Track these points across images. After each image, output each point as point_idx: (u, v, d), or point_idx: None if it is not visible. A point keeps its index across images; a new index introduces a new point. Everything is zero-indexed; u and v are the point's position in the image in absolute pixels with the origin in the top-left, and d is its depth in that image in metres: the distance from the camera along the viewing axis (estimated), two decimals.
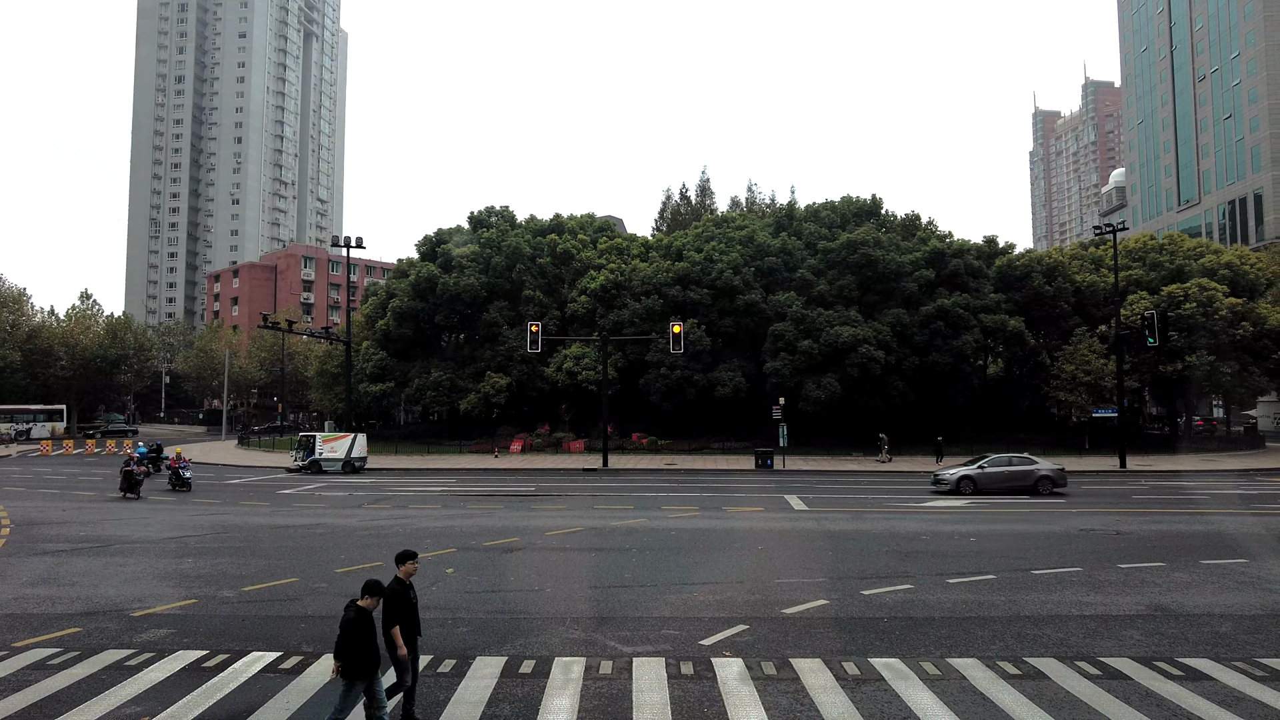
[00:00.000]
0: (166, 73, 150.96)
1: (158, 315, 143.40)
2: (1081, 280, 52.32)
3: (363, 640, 7.16)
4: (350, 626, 7.13)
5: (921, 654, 10.35)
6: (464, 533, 20.11)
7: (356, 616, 7.21)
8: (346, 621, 7.15)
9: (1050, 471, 30.48)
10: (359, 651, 7.14)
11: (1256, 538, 19.21)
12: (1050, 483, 30.02)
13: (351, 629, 7.13)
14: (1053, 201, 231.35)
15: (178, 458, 31.79)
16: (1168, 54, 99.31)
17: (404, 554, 8.48)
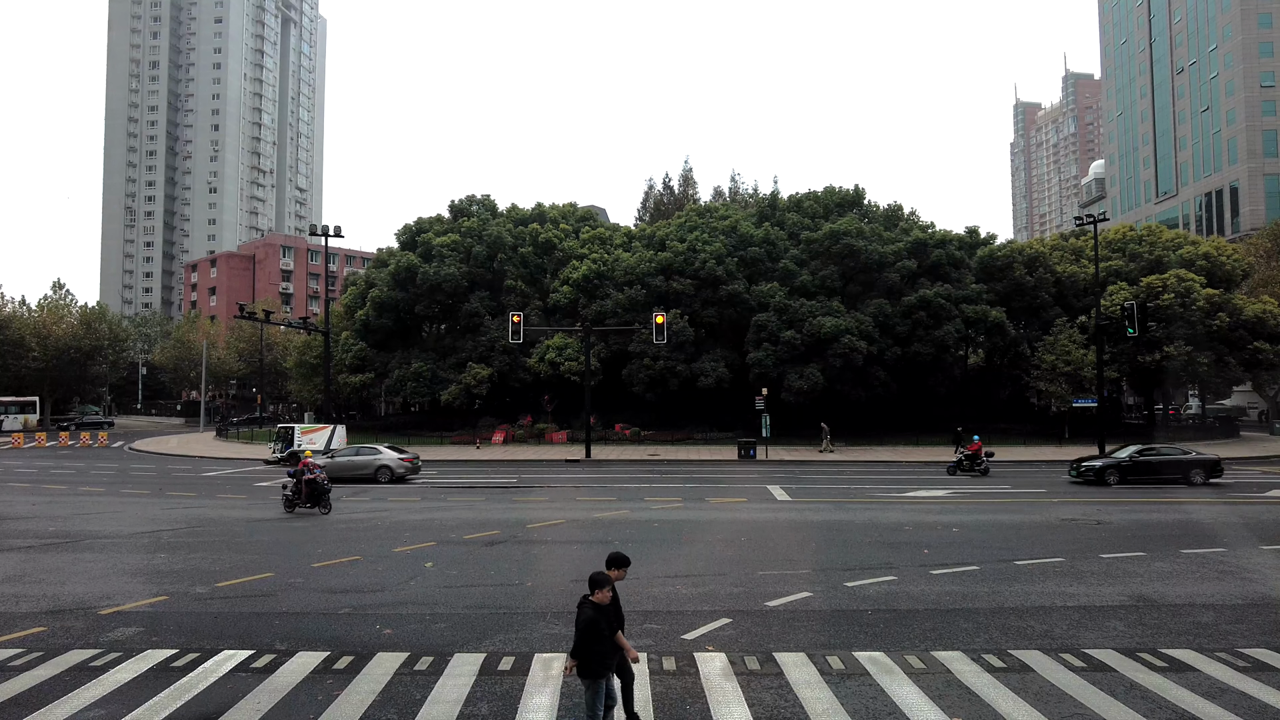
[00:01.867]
0: (140, 58, 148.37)
1: (134, 306, 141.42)
2: (1062, 271, 52.64)
3: (601, 637, 6.87)
4: (591, 626, 6.82)
5: (906, 647, 10.25)
6: (444, 525, 19.85)
7: (595, 615, 6.89)
8: (587, 621, 6.83)
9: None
10: (599, 649, 6.85)
11: (1233, 527, 19.34)
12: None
13: (592, 628, 6.82)
14: (1033, 193, 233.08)
15: None
16: (1147, 47, 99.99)
17: (617, 556, 7.83)
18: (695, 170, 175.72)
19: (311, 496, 21.99)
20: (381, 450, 32.86)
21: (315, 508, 22.01)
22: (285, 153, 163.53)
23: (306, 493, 21.95)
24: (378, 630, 11.01)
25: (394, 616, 11.70)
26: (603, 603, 7.05)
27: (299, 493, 22.06)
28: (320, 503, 22.02)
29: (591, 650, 6.88)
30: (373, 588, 13.45)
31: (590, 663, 6.89)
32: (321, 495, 22.00)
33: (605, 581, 7.15)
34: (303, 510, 22.18)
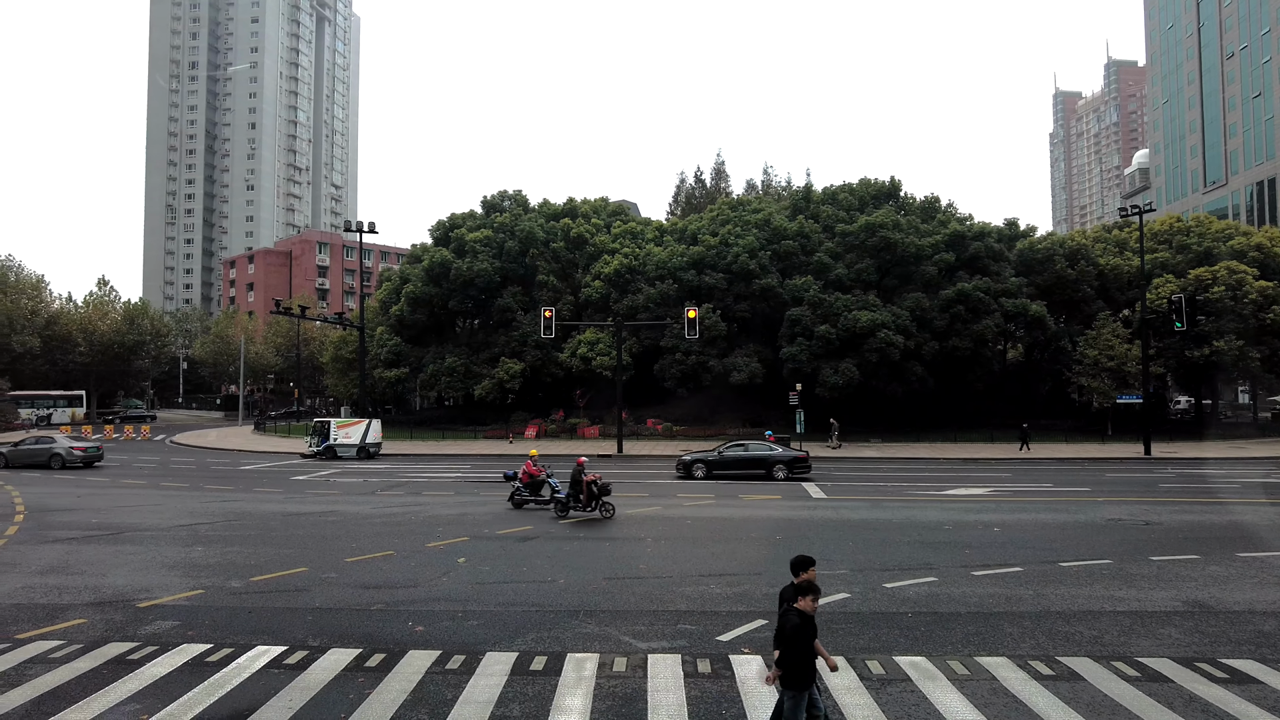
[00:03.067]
0: (180, 59, 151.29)
1: (175, 301, 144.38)
2: (1105, 263, 51.32)
3: (808, 646, 6.61)
4: (798, 634, 6.54)
5: (948, 651, 9.92)
6: (476, 520, 19.84)
7: (802, 623, 6.61)
8: (794, 629, 6.55)
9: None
10: (806, 659, 6.58)
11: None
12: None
13: (799, 636, 6.55)
14: (1073, 184, 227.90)
15: None
16: (1195, 30, 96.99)
17: (802, 559, 7.43)
18: (727, 163, 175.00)
19: (591, 498, 19.94)
20: None
21: (594, 510, 19.99)
22: (320, 150, 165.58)
23: (588, 495, 19.93)
24: (410, 627, 10.95)
25: (426, 613, 11.64)
26: (808, 611, 6.70)
27: (576, 496, 20.07)
28: (599, 506, 19.97)
29: (798, 660, 6.57)
30: (406, 583, 13.43)
31: (796, 673, 6.58)
32: (600, 497, 20.01)
33: (813, 590, 6.77)
34: (577, 514, 20.22)
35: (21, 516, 20.79)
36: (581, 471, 20.25)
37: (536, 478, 21.90)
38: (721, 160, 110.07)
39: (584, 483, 19.99)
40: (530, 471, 22.01)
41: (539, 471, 22.03)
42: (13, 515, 21.00)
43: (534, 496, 21.83)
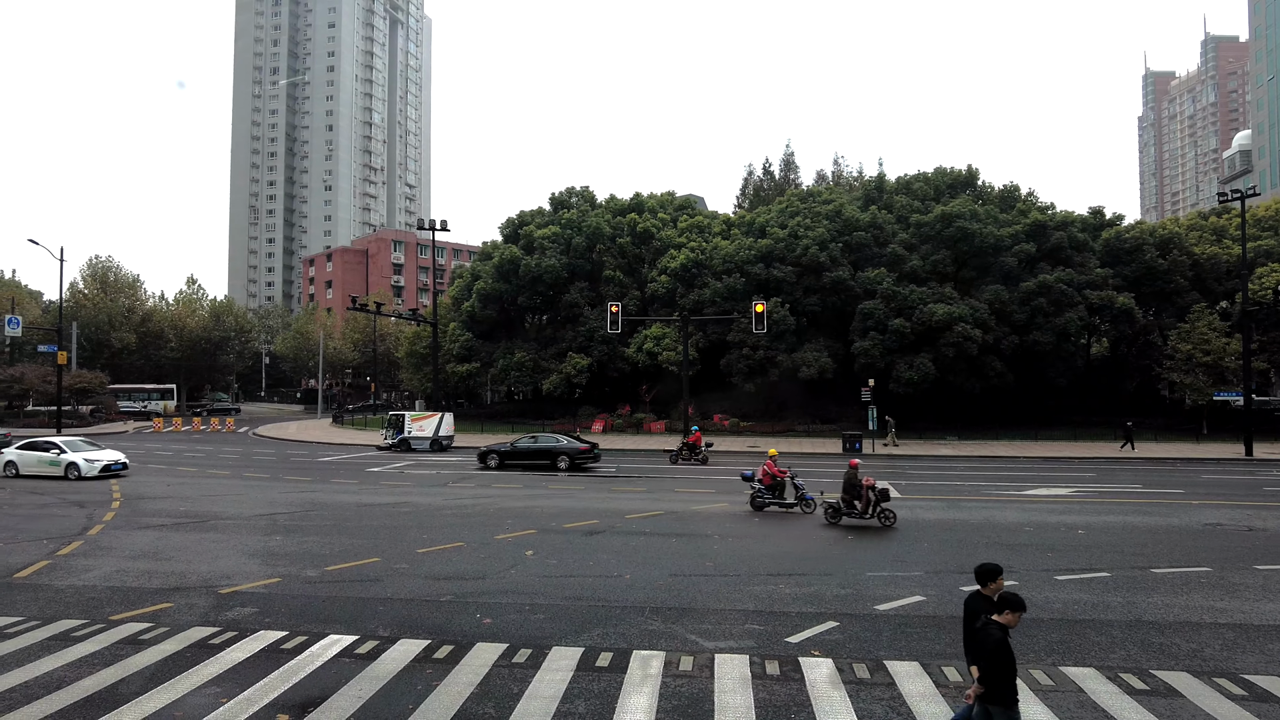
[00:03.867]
0: (263, 65, 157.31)
1: (258, 299, 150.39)
2: (1200, 252, 48.56)
3: (1011, 662, 6.28)
4: (1002, 649, 6.21)
5: (1031, 660, 9.44)
6: (544, 514, 19.97)
7: (1005, 637, 6.29)
8: (998, 644, 6.22)
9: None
10: (1010, 675, 6.26)
11: None
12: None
13: (1003, 651, 6.22)
14: (1164, 170, 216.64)
15: None
16: None
17: (990, 568, 7.03)
18: (797, 154, 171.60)
19: (869, 504, 18.17)
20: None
21: (871, 517, 18.27)
22: (394, 150, 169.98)
23: (865, 501, 18.16)
24: (477, 619, 11.03)
25: (494, 605, 11.71)
26: (1010, 625, 6.31)
27: (852, 501, 18.33)
28: (878, 513, 18.21)
29: (1004, 675, 6.21)
30: (474, 575, 13.56)
31: (1003, 689, 6.24)
32: (879, 502, 18.22)
33: (1018, 605, 6.36)
34: (851, 521, 18.62)
35: (118, 504, 21.88)
36: (857, 474, 18.70)
37: (779, 479, 20.59)
38: (790, 151, 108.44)
39: (862, 486, 18.36)
40: (772, 472, 20.67)
41: (782, 472, 20.70)
42: (110, 502, 22.13)
43: (776, 499, 20.46)
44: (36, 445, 29.50)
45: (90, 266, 79.11)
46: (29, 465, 28.73)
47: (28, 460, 28.83)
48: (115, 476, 28.23)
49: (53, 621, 10.91)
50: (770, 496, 20.55)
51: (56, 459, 28.32)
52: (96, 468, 28.00)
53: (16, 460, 28.93)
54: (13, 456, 29.12)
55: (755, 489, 20.78)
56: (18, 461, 28.90)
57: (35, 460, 28.70)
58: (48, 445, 29.22)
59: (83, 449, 29.20)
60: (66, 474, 27.93)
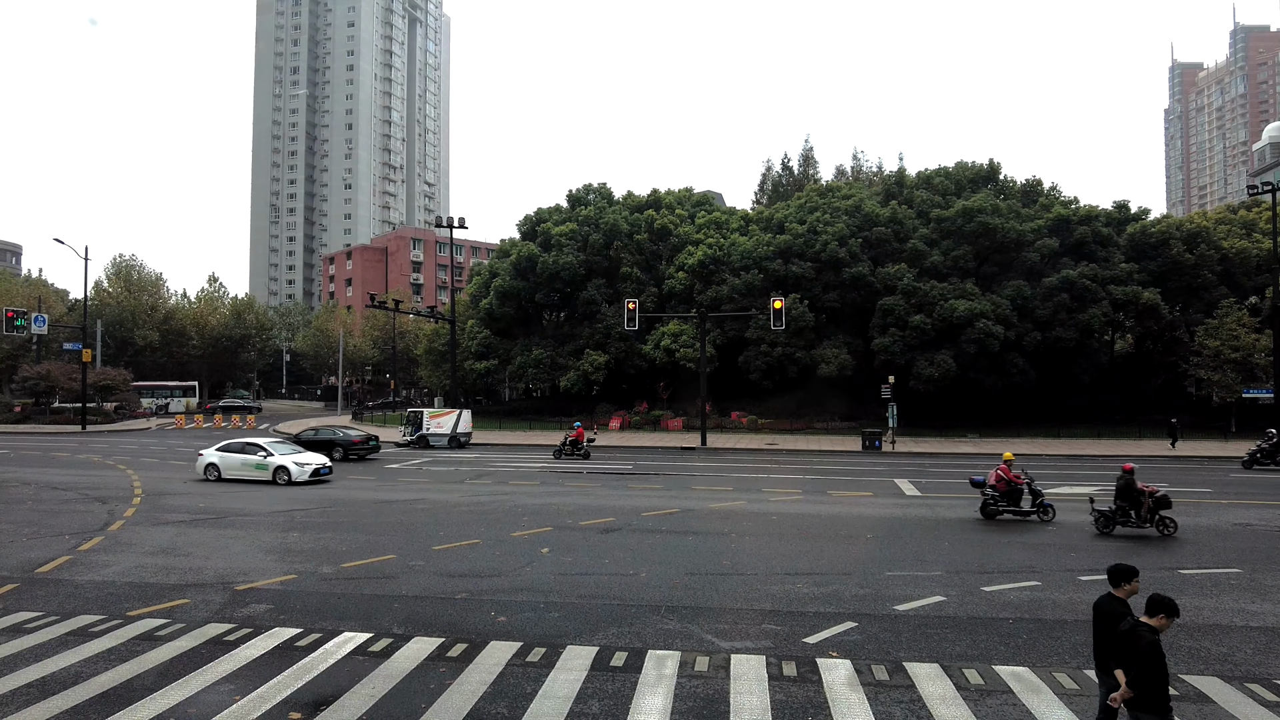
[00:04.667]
0: (283, 65, 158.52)
1: (279, 296, 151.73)
2: (1229, 247, 47.66)
3: (1164, 668, 6.01)
4: (1154, 652, 5.96)
5: (1054, 663, 9.23)
6: (560, 511, 19.90)
7: (1157, 641, 6.01)
8: (1150, 647, 5.95)
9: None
10: (1163, 682, 5.99)
11: None
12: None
13: (1155, 655, 5.97)
14: (1191, 163, 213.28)
15: None
16: None
17: (1125, 569, 6.73)
18: (815, 149, 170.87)
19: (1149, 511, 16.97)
20: None
21: (1149, 526, 17.16)
22: (414, 148, 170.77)
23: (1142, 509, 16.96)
24: (492, 617, 10.97)
25: (509, 603, 11.65)
26: (1162, 629, 6.09)
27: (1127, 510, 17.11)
28: (1157, 521, 17.04)
29: (1158, 681, 5.96)
30: (489, 572, 13.51)
31: (1156, 696, 5.99)
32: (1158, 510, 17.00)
33: (1172, 609, 6.12)
34: (1126, 531, 17.38)
35: (139, 499, 22.07)
36: (1133, 479, 17.28)
37: (1015, 484, 18.90)
38: (809, 146, 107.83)
39: (1141, 493, 17.03)
40: (1008, 477, 18.97)
41: (1018, 477, 18.99)
42: (131, 498, 22.32)
43: (1011, 506, 18.85)
44: (238, 447, 26.71)
45: (114, 265, 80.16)
46: (232, 469, 26.19)
47: (230, 464, 26.26)
48: (321, 481, 26.05)
49: (71, 616, 10.98)
50: (1005, 504, 18.87)
51: (264, 462, 25.82)
52: (307, 472, 25.66)
53: (219, 464, 26.35)
54: (214, 459, 26.48)
55: (988, 495, 19.05)
56: (220, 465, 26.33)
57: (239, 464, 26.14)
58: (253, 447, 26.50)
59: (287, 451, 26.79)
60: (275, 479, 25.47)
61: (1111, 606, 6.56)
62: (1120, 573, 6.67)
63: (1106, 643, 6.54)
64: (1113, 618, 6.48)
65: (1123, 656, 6.14)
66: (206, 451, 27.14)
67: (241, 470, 26.10)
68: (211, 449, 27.11)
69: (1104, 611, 6.62)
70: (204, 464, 26.64)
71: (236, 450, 26.64)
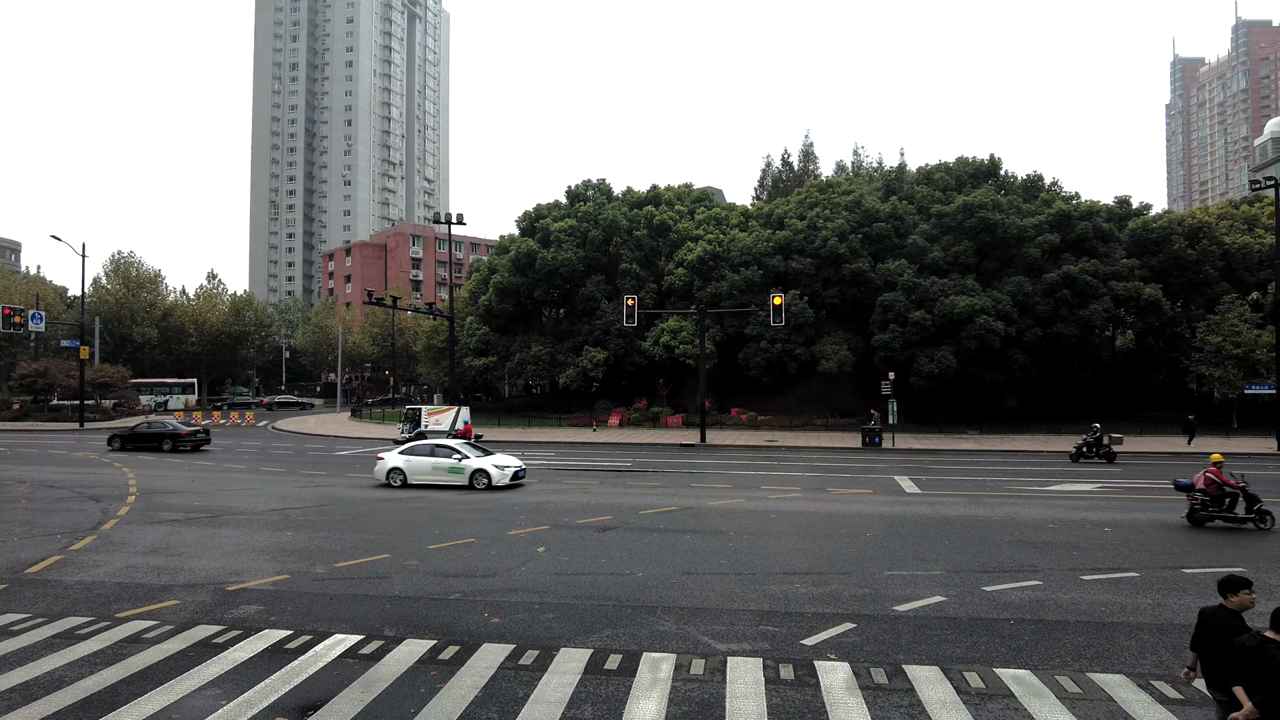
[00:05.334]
0: (281, 61, 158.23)
1: (278, 293, 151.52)
2: (1231, 242, 47.46)
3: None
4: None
5: (1057, 665, 9.07)
6: (557, 509, 19.75)
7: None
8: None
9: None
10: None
11: None
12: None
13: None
14: (1192, 158, 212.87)
15: None
16: None
17: (1236, 580, 6.31)
18: (816, 145, 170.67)
19: None
20: None
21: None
22: (413, 145, 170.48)
23: None
24: (485, 618, 10.81)
25: (503, 604, 11.49)
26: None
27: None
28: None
29: None
30: (484, 572, 13.36)
31: None
32: None
33: None
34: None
35: (133, 498, 21.92)
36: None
37: (1228, 488, 17.39)
38: (809, 142, 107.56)
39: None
40: (1220, 480, 17.52)
41: (1231, 480, 17.54)
42: (125, 496, 22.18)
43: (1223, 512, 17.52)
44: (425, 449, 24.43)
45: (112, 262, 79.95)
46: (420, 474, 23.70)
47: (419, 468, 23.75)
48: (518, 485, 23.96)
49: (59, 618, 10.81)
50: (1216, 509, 17.54)
51: (459, 465, 23.46)
52: (508, 475, 23.40)
53: (405, 468, 23.76)
54: (398, 463, 23.88)
55: (1196, 500, 17.68)
56: (406, 470, 23.75)
57: (429, 468, 23.68)
58: (445, 450, 24.09)
59: (478, 453, 24.53)
60: (473, 483, 23.13)
61: (1223, 619, 6.20)
62: (1231, 584, 6.28)
63: (1220, 658, 6.13)
64: (1226, 630, 6.12)
65: (1244, 674, 5.72)
66: (388, 455, 24.56)
67: (432, 475, 23.65)
68: (393, 452, 24.72)
69: (1215, 624, 6.23)
70: (385, 469, 24.02)
71: (424, 453, 24.16)
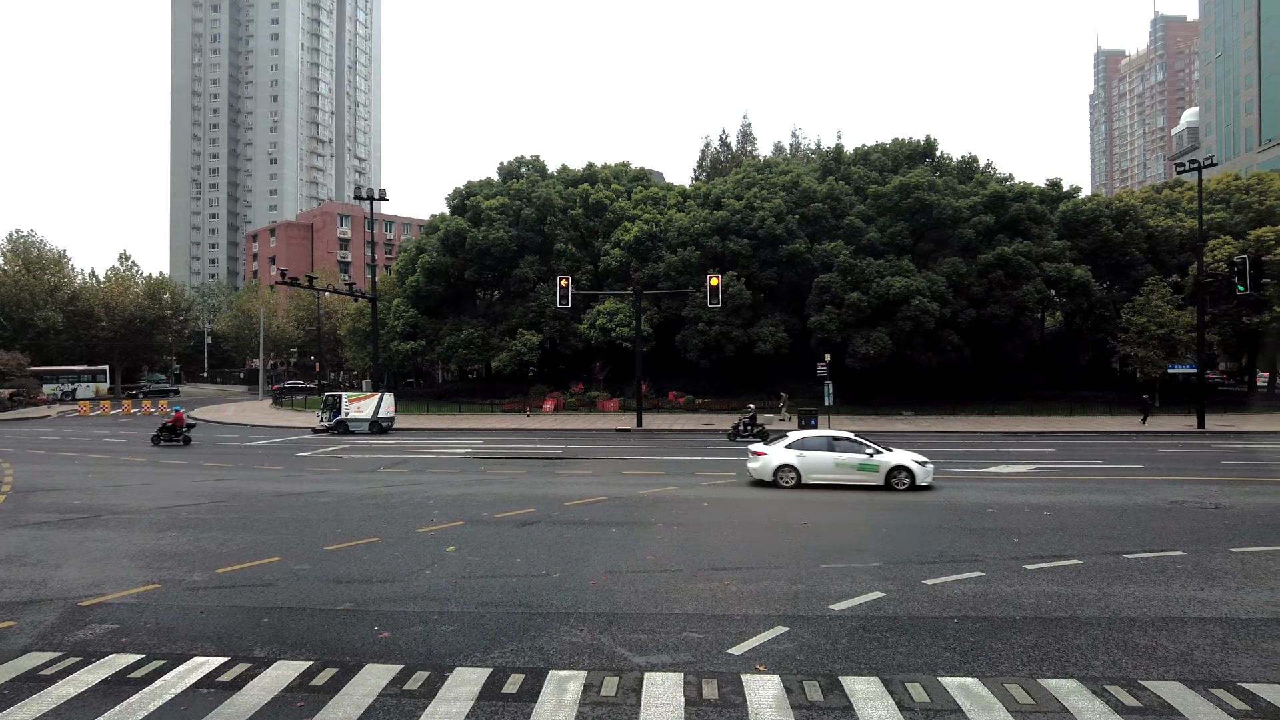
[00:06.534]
0: (202, 32, 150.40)
1: (201, 276, 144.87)
2: (1155, 225, 48.47)
3: None
4: None
5: (1005, 670, 8.24)
6: (477, 502, 18.42)
7: None
8: None
9: None
10: None
11: None
12: None
13: None
14: (1114, 147, 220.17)
15: None
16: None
17: None
18: (754, 126, 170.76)
19: None
20: None
21: None
22: (343, 122, 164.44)
23: None
24: (375, 632, 9.51)
25: (397, 614, 10.20)
26: None
27: None
28: None
29: None
30: (382, 577, 12.01)
31: None
32: None
33: None
34: None
35: (3, 497, 19.78)
36: None
37: None
38: (748, 123, 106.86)
39: None
40: None
41: None
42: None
43: None
44: (822, 443, 20.86)
45: (10, 242, 74.64)
46: (820, 472, 20.31)
47: (818, 465, 20.37)
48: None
49: None
50: None
51: (871, 462, 20.08)
52: (930, 473, 20.10)
53: (798, 465, 20.36)
54: (790, 459, 20.44)
55: None
56: (800, 467, 20.36)
57: (831, 465, 20.30)
58: (853, 444, 20.60)
59: (883, 447, 20.99)
60: (891, 483, 19.84)
61: None
62: None
63: None
64: None
65: None
66: (773, 449, 20.87)
67: (835, 473, 20.28)
68: (778, 446, 20.98)
69: None
70: (773, 466, 20.47)
71: (821, 447, 20.67)
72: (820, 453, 20.56)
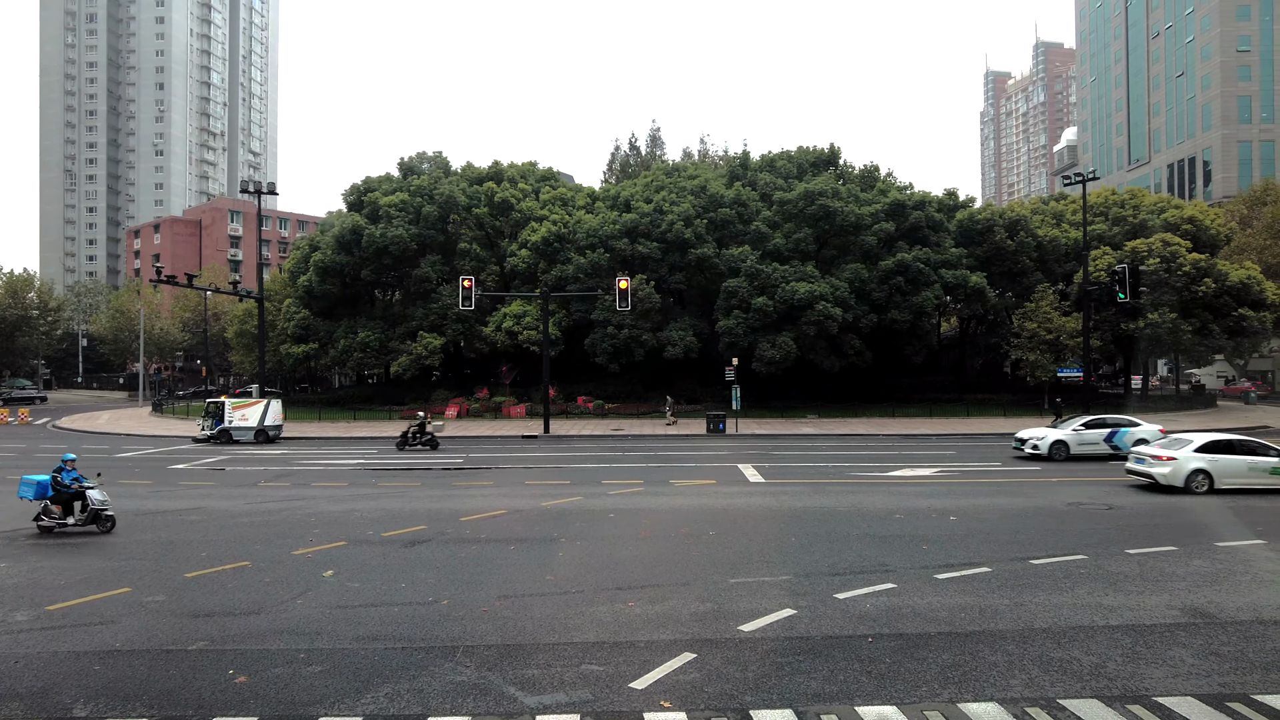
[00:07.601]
0: (77, 10, 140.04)
1: (77, 274, 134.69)
2: (1044, 235, 50.74)
3: None
4: None
5: (924, 694, 7.76)
6: (363, 519, 17.05)
7: None
8: None
9: None
10: None
11: (1264, 511, 17.25)
12: None
13: None
14: (1002, 162, 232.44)
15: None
16: (1122, 10, 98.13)
17: None
18: (664, 131, 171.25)
19: None
20: None
21: None
22: (237, 114, 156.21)
23: None
24: (229, 677, 8.26)
25: (258, 654, 8.95)
26: None
27: None
28: None
29: None
30: (247, 609, 10.68)
31: None
32: None
33: None
34: None
35: None
36: None
37: None
38: (657, 128, 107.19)
39: None
40: None
41: None
42: None
43: None
44: (1234, 445, 20.06)
45: None
46: (1234, 476, 19.59)
47: (1231, 470, 19.60)
48: None
49: None
50: None
51: None
52: None
53: (1210, 470, 19.51)
54: (1200, 463, 19.57)
55: None
56: (1213, 472, 19.51)
57: (1245, 469, 19.59)
58: (1263, 448, 19.97)
59: None
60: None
61: None
62: None
63: None
64: None
65: None
66: (1181, 454, 19.84)
67: (1248, 477, 19.64)
68: (1185, 450, 19.93)
69: None
70: (1184, 471, 19.52)
71: (1235, 449, 19.92)
72: (1233, 456, 19.88)
